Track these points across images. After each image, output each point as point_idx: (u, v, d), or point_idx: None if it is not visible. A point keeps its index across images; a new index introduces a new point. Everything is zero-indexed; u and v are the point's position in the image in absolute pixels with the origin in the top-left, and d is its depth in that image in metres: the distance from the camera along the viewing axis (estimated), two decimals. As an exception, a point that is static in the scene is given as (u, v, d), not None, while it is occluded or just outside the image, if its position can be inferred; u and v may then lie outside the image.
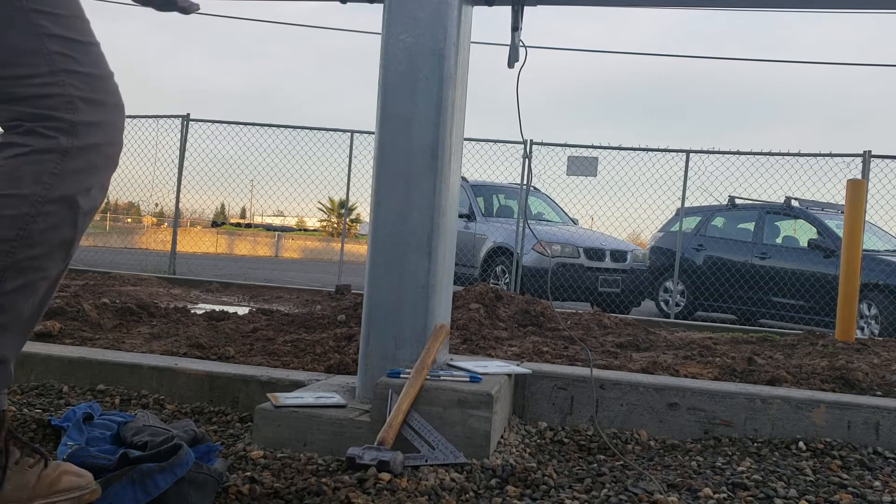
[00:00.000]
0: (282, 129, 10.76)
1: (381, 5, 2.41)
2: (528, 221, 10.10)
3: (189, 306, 5.20)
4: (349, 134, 10.56)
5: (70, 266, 2.10)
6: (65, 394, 2.59)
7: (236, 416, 2.49)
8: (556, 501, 1.83)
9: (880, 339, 6.22)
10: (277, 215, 35.57)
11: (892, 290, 8.29)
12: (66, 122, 1.37)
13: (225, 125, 10.69)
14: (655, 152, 9.70)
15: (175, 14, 2.12)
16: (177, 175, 10.77)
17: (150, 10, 2.04)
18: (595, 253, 9.84)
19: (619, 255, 10.00)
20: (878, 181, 8.79)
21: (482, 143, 10.41)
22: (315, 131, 10.68)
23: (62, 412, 2.27)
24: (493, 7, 2.53)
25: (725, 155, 9.59)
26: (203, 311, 4.82)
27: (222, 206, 30.84)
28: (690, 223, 10.21)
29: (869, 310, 8.48)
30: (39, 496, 1.41)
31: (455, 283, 2.73)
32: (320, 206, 35.95)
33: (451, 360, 2.58)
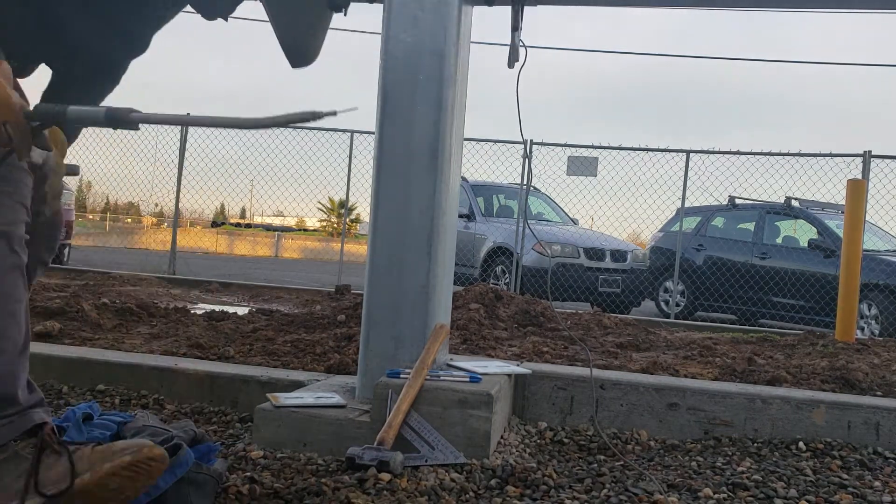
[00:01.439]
0: (282, 128, 10.75)
1: (381, 5, 2.41)
2: (528, 221, 10.10)
3: (189, 306, 5.20)
4: (349, 134, 10.56)
5: (70, 266, 2.12)
6: (65, 394, 2.59)
7: (236, 416, 2.49)
8: (556, 501, 1.83)
9: (880, 339, 6.22)
10: (277, 215, 35.53)
11: (892, 290, 8.29)
12: None
13: (224, 125, 10.67)
14: (655, 152, 9.70)
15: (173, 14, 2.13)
16: (176, 175, 10.77)
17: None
18: (595, 253, 9.83)
19: (619, 255, 10.00)
20: (878, 181, 8.79)
21: (482, 143, 10.41)
22: (315, 131, 10.68)
23: (62, 412, 2.27)
24: (493, 7, 2.53)
25: (725, 155, 9.58)
26: (203, 311, 4.82)
27: (222, 206, 30.85)
28: (690, 223, 10.20)
29: (869, 310, 8.48)
30: (104, 460, 1.44)
31: (455, 283, 2.73)
32: (320, 206, 35.98)
33: (451, 360, 2.58)
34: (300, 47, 1.99)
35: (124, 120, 1.36)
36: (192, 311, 4.67)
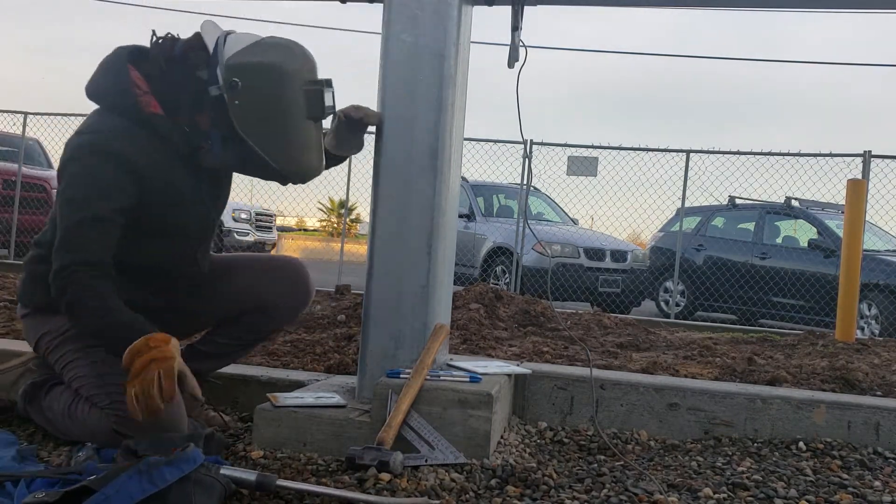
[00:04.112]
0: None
1: (381, 5, 2.41)
2: (528, 221, 10.10)
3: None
4: (349, 134, 10.52)
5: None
6: (65, 394, 2.58)
7: (236, 416, 2.49)
8: (556, 501, 1.83)
9: (880, 339, 6.22)
10: (277, 215, 35.43)
11: (892, 290, 8.28)
12: None
13: (225, 125, 10.62)
14: (655, 152, 9.69)
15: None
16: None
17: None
18: (595, 253, 9.84)
19: (619, 255, 10.00)
20: (878, 181, 8.76)
21: (482, 143, 10.39)
22: (315, 131, 10.64)
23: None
24: (493, 7, 2.52)
25: (725, 155, 9.57)
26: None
27: (222, 206, 30.72)
28: (690, 223, 10.19)
29: (869, 310, 8.48)
30: None
31: (455, 283, 2.72)
32: (320, 206, 35.92)
33: (451, 360, 2.58)
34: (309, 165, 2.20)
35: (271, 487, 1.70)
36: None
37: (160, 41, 2.09)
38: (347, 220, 12.72)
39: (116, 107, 2.05)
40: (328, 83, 2.10)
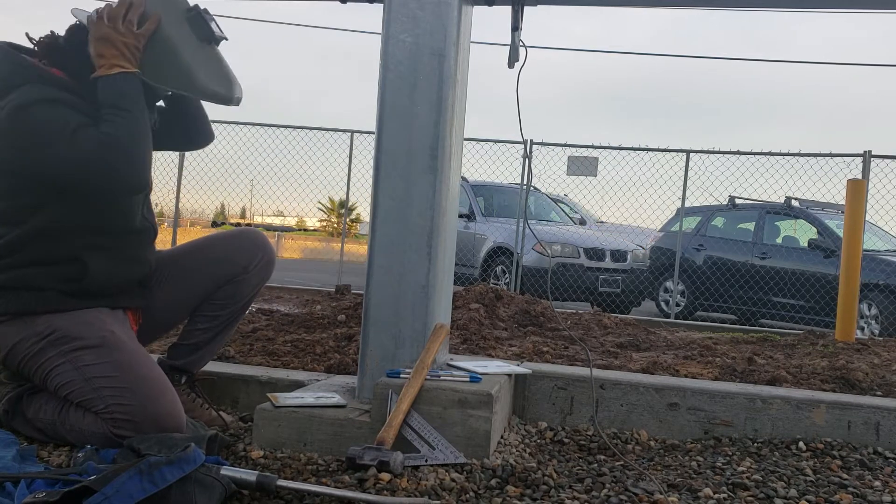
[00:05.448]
0: (281, 129, 10.73)
1: (381, 5, 2.41)
2: (528, 221, 10.10)
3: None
4: (349, 134, 10.54)
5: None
6: (65, 394, 2.58)
7: (236, 416, 2.49)
8: (556, 501, 1.83)
9: (880, 339, 6.22)
10: (277, 215, 35.47)
11: (892, 290, 8.28)
12: None
13: (224, 125, 10.66)
14: (655, 152, 9.69)
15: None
16: (177, 175, 10.79)
17: None
18: (595, 253, 9.84)
19: (619, 255, 10.00)
20: (878, 181, 8.77)
21: (482, 143, 10.40)
22: (315, 131, 10.66)
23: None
24: (493, 7, 2.53)
25: (725, 155, 9.57)
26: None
27: (222, 206, 30.73)
28: (690, 223, 10.20)
29: (869, 310, 8.48)
30: None
31: (455, 283, 2.72)
32: (320, 206, 35.96)
33: (451, 360, 2.58)
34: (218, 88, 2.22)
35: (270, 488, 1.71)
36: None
37: (43, 38, 2.18)
38: (347, 220, 12.72)
39: (26, 81, 2.07)
40: (205, 9, 2.20)
